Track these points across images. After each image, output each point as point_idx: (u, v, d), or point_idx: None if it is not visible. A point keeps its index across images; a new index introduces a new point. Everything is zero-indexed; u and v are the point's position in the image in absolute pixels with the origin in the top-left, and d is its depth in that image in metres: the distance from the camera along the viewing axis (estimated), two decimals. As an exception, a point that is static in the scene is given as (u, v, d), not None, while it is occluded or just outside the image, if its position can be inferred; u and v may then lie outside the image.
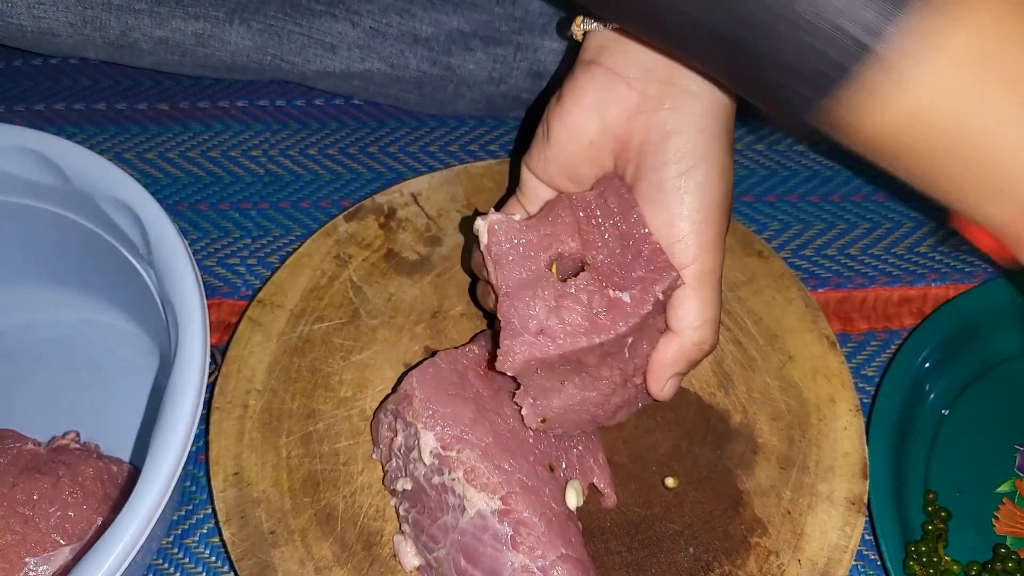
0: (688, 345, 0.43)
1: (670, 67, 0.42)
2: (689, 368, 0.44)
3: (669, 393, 0.44)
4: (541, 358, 0.40)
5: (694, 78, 0.42)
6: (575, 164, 0.44)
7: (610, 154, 0.44)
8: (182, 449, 0.40)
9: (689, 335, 0.43)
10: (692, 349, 0.43)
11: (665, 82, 0.42)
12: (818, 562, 0.45)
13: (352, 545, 0.46)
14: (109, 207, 0.48)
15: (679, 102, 0.42)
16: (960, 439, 0.51)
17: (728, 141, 0.43)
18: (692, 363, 0.44)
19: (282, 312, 0.53)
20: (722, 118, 0.43)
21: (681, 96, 0.42)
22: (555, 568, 0.41)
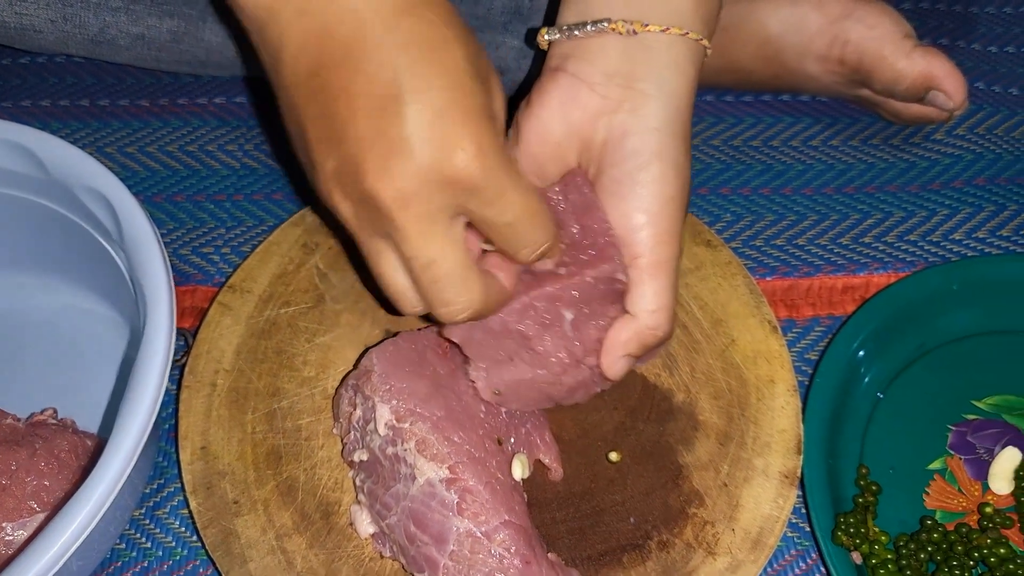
0: (642, 328, 0.45)
1: (629, 72, 0.45)
2: (642, 352, 0.46)
3: (618, 372, 0.46)
4: (483, 325, 0.43)
5: (651, 81, 0.45)
6: (543, 163, 0.47)
7: (575, 153, 0.46)
8: (146, 421, 0.43)
9: (644, 319, 0.45)
10: (646, 332, 0.45)
11: (624, 86, 0.45)
12: (751, 531, 0.47)
13: (311, 514, 0.48)
14: (85, 196, 0.51)
15: (636, 104, 0.44)
16: (895, 419, 0.54)
17: (684, 139, 0.45)
18: (645, 347, 0.46)
19: (251, 297, 0.56)
20: (677, 118, 0.45)
21: (638, 98, 0.45)
22: (497, 533, 0.43)
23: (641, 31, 0.45)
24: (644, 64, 0.45)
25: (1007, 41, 0.73)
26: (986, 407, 0.54)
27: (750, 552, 0.47)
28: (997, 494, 0.51)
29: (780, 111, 0.68)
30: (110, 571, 0.50)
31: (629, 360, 0.46)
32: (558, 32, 0.46)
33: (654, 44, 0.45)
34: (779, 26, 0.62)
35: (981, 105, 0.68)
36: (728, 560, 0.47)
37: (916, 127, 0.67)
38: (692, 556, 0.47)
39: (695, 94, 0.47)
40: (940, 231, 0.62)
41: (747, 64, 0.64)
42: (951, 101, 0.59)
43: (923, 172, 0.65)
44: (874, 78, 0.61)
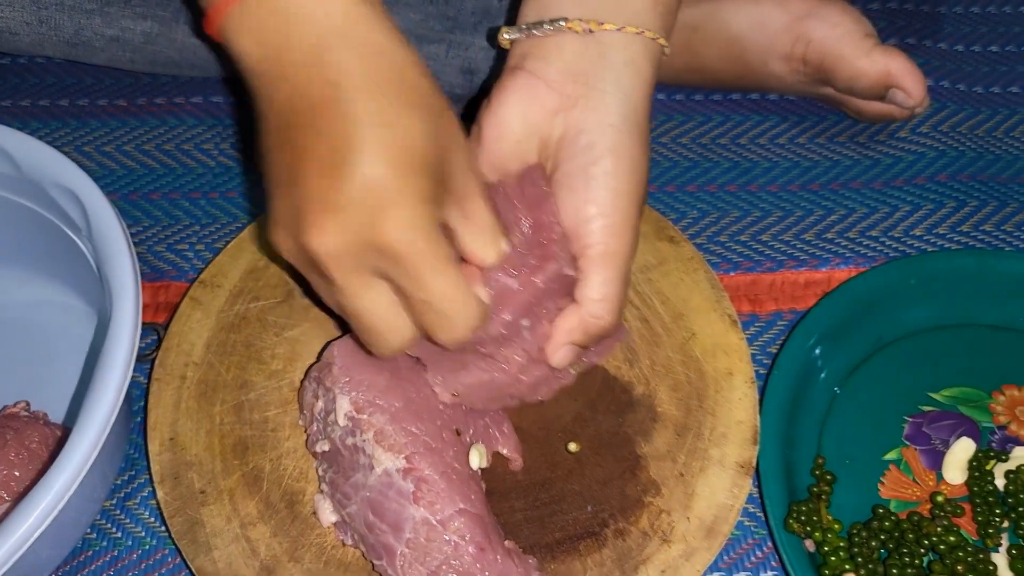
0: (586, 316, 0.46)
1: (585, 70, 0.46)
2: (586, 340, 0.47)
3: (561, 360, 0.47)
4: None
5: (607, 79, 0.46)
6: (503, 159, 0.48)
7: (534, 150, 0.47)
8: (110, 411, 0.44)
9: (588, 307, 0.46)
10: (590, 321, 0.46)
11: (581, 83, 0.46)
12: (706, 519, 0.48)
13: (276, 503, 0.49)
14: (56, 192, 0.52)
15: (592, 102, 0.45)
16: (853, 411, 0.55)
17: (640, 135, 0.46)
18: (589, 335, 0.47)
19: (222, 292, 0.57)
20: (633, 114, 0.46)
21: (594, 96, 0.46)
22: (452, 521, 0.44)
23: (597, 30, 0.46)
24: (600, 62, 0.46)
25: (973, 40, 0.74)
26: (942, 399, 0.55)
27: (704, 540, 0.48)
28: (951, 484, 0.52)
29: (748, 110, 0.69)
30: (81, 560, 0.51)
31: (573, 348, 0.47)
32: (517, 31, 0.47)
33: (610, 43, 0.46)
34: (743, 25, 0.63)
35: (945, 103, 0.69)
36: (682, 547, 0.48)
37: (881, 125, 0.68)
38: (647, 544, 0.48)
39: (653, 92, 0.48)
40: (902, 227, 0.63)
41: (713, 63, 0.65)
42: (911, 99, 0.61)
43: (887, 169, 0.66)
44: (835, 76, 0.62)
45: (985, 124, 0.68)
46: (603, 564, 0.47)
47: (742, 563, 0.51)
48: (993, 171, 0.66)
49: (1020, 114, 0.69)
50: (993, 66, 0.72)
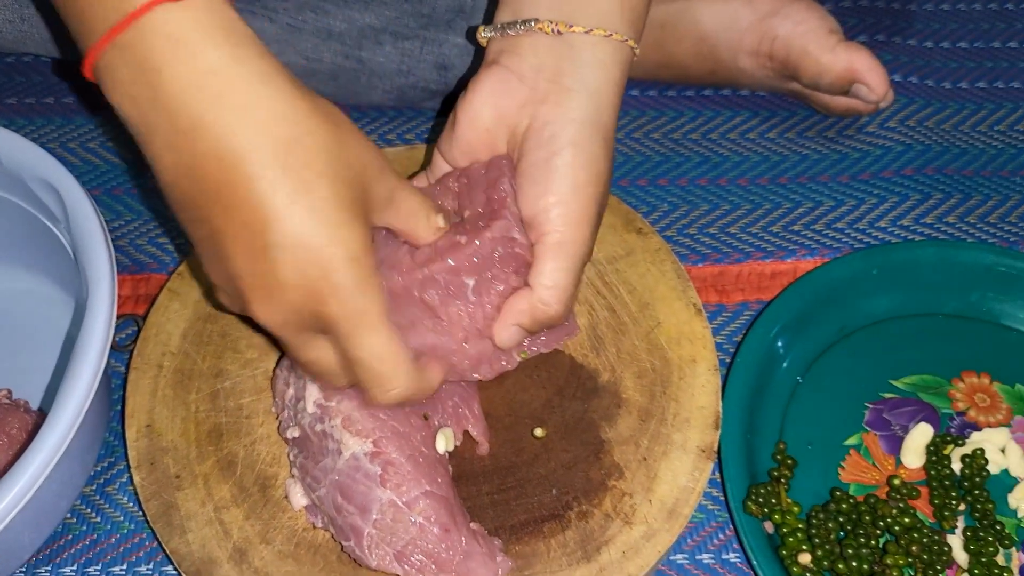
0: (535, 301, 0.47)
1: (555, 68, 0.47)
2: (533, 327, 0.48)
3: (506, 339, 0.48)
4: (388, 289, 0.45)
5: (574, 77, 0.47)
6: (474, 147, 0.49)
7: (504, 140, 0.49)
8: (84, 395, 0.45)
9: (538, 292, 0.47)
10: (538, 306, 0.47)
11: (550, 80, 0.47)
12: (667, 501, 0.50)
13: (249, 488, 0.51)
14: (36, 186, 0.54)
15: (559, 97, 0.47)
16: (815, 398, 0.56)
17: (603, 132, 0.47)
18: (536, 321, 0.47)
19: (198, 284, 0.58)
20: (597, 113, 0.47)
21: (561, 92, 0.47)
22: (418, 503, 0.46)
23: (566, 31, 0.47)
24: (569, 61, 0.47)
25: (942, 37, 0.75)
26: (903, 386, 0.57)
27: (665, 521, 0.49)
28: (909, 468, 0.54)
29: (720, 105, 0.71)
30: (61, 543, 0.53)
31: (519, 331, 0.48)
32: (493, 30, 0.49)
33: (579, 44, 0.47)
34: (712, 23, 0.64)
35: (913, 98, 0.71)
36: (644, 529, 0.49)
37: (849, 120, 0.69)
38: (610, 525, 0.49)
39: (621, 91, 0.49)
40: (867, 219, 0.64)
41: (684, 59, 0.67)
42: (874, 94, 0.62)
43: (854, 163, 0.67)
44: (801, 72, 0.63)
45: (952, 119, 0.70)
46: (566, 545, 0.48)
47: (705, 545, 0.52)
48: (958, 165, 0.67)
49: (986, 109, 0.70)
50: (961, 62, 0.74)
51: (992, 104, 0.71)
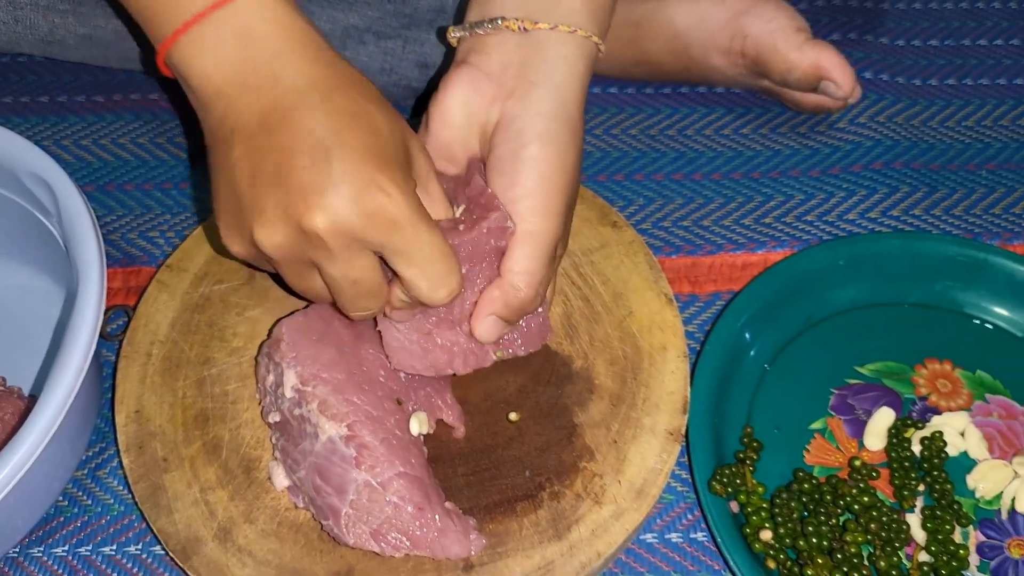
0: (506, 287, 0.49)
1: (522, 63, 0.49)
2: (508, 314, 0.49)
3: (485, 332, 0.49)
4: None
5: (540, 72, 0.49)
6: (448, 145, 0.51)
7: (475, 136, 0.51)
8: (74, 379, 0.47)
9: (508, 278, 0.49)
10: (509, 292, 0.49)
11: (516, 76, 0.49)
12: (636, 482, 0.52)
13: (234, 470, 0.53)
14: (29, 181, 0.56)
15: (526, 92, 0.49)
16: (782, 384, 0.58)
17: (570, 126, 0.49)
18: (510, 308, 0.49)
19: (187, 275, 0.60)
20: (563, 107, 0.49)
21: (527, 87, 0.49)
22: (392, 483, 0.48)
23: (532, 28, 0.49)
24: (535, 57, 0.49)
25: (913, 35, 0.77)
26: (867, 372, 0.58)
27: (634, 501, 0.51)
28: (871, 450, 0.55)
29: (695, 102, 0.73)
30: (53, 525, 0.55)
31: (496, 321, 0.49)
32: (462, 29, 0.51)
33: (544, 40, 0.49)
34: (685, 21, 0.66)
35: (883, 95, 0.73)
36: (613, 508, 0.51)
37: (821, 116, 0.71)
38: (580, 505, 0.51)
39: (587, 85, 0.51)
40: (836, 212, 0.66)
41: (658, 57, 0.69)
42: (840, 90, 0.64)
43: (825, 157, 0.69)
44: (770, 69, 0.65)
45: (921, 115, 0.72)
46: (538, 524, 0.50)
47: (674, 525, 0.54)
48: (925, 159, 0.69)
49: (954, 105, 0.72)
50: (932, 59, 0.75)
51: (960, 100, 0.73)
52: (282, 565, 0.49)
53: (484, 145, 0.50)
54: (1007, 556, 0.52)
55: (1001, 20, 0.79)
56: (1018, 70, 0.75)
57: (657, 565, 0.53)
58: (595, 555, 0.49)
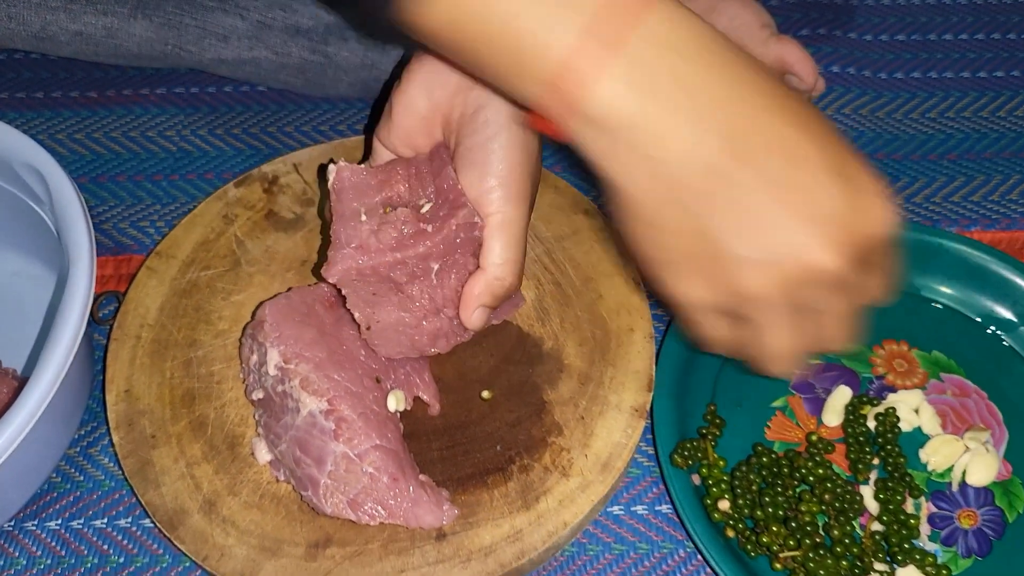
0: (491, 279, 0.52)
1: None
2: (494, 301, 0.52)
3: (476, 321, 0.53)
4: (357, 268, 0.50)
5: None
6: (412, 134, 0.53)
7: (439, 126, 0.53)
8: (64, 357, 0.50)
9: (492, 271, 0.52)
10: (495, 283, 0.52)
11: None
12: (601, 456, 0.54)
13: (219, 446, 0.55)
14: (23, 171, 0.58)
15: None
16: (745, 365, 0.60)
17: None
18: (496, 296, 0.52)
19: (175, 262, 0.62)
20: None
21: None
22: (368, 455, 0.50)
23: None
24: None
25: (882, 30, 0.80)
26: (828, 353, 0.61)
27: (600, 474, 0.53)
28: (828, 426, 0.58)
29: (668, 95, 0.75)
30: (47, 500, 0.57)
31: (485, 310, 0.52)
32: None
33: None
34: (655, 17, 0.69)
35: (850, 88, 0.75)
36: (579, 480, 0.53)
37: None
38: (548, 478, 0.53)
39: None
40: (801, 200, 0.68)
41: (631, 52, 0.71)
42: (804, 83, 0.66)
43: (792, 148, 0.71)
44: (737, 63, 0.67)
45: (886, 107, 0.74)
46: (508, 495, 0.53)
47: (639, 498, 0.57)
48: (888, 150, 0.71)
49: (919, 98, 0.75)
50: (898, 53, 0.78)
51: (924, 93, 0.75)
52: (264, 535, 0.52)
53: (449, 134, 0.52)
54: (957, 526, 0.54)
55: (966, 15, 0.81)
56: (981, 63, 0.77)
57: (623, 536, 0.55)
58: (562, 524, 0.52)
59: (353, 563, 0.50)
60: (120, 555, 0.55)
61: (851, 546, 0.52)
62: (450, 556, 0.51)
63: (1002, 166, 0.70)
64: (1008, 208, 0.68)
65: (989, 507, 0.55)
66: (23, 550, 0.55)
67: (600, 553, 0.55)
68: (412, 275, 0.51)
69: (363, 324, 0.52)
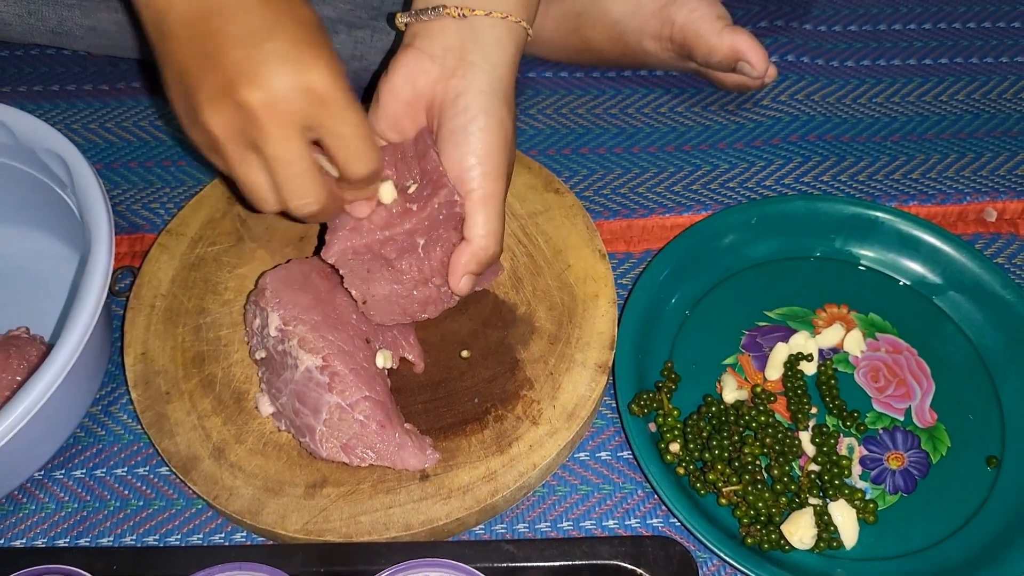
0: (476, 250, 0.58)
1: (461, 47, 0.57)
2: (480, 268, 0.59)
3: (465, 287, 0.59)
4: (352, 247, 0.56)
5: (478, 54, 0.58)
6: (398, 119, 0.60)
7: (422, 111, 0.59)
8: (87, 322, 0.56)
9: (476, 242, 0.58)
10: (479, 252, 0.58)
11: (458, 57, 0.57)
12: (568, 406, 0.61)
13: (226, 401, 0.62)
14: (46, 157, 0.65)
15: (466, 71, 0.57)
16: (700, 327, 0.67)
17: (507, 100, 0.58)
18: (481, 264, 0.58)
19: (184, 239, 0.69)
20: (500, 83, 0.57)
21: (468, 67, 0.57)
22: (359, 405, 0.57)
23: (469, 15, 0.57)
24: (472, 41, 0.58)
25: (836, 22, 0.86)
26: (775, 316, 0.67)
27: (566, 422, 0.60)
28: (771, 380, 0.64)
29: (635, 84, 0.81)
30: (72, 452, 0.64)
31: (471, 277, 0.59)
32: (409, 16, 0.59)
33: (480, 25, 0.58)
34: (620, 11, 0.75)
35: (804, 75, 0.81)
36: (547, 428, 0.60)
37: (748, 95, 0.80)
38: (520, 426, 0.60)
39: (517, 64, 0.59)
40: (755, 179, 0.75)
41: (599, 44, 0.77)
42: (755, 70, 0.73)
43: (749, 132, 0.78)
44: (695, 52, 0.74)
45: (836, 93, 0.80)
46: (484, 441, 0.59)
47: (603, 445, 0.63)
48: (837, 132, 0.78)
49: (867, 84, 0.81)
50: (850, 43, 0.84)
51: (872, 79, 0.81)
52: (267, 477, 0.58)
53: (432, 118, 0.59)
54: (886, 467, 0.61)
55: (915, 7, 0.87)
56: (926, 52, 0.83)
57: (588, 478, 0.62)
58: (531, 466, 0.58)
59: (347, 501, 0.57)
60: (139, 499, 0.62)
61: (789, 484, 0.58)
62: (432, 494, 0.57)
63: (940, 146, 0.77)
64: (943, 184, 0.74)
65: (915, 450, 0.61)
66: (52, 496, 0.62)
67: (568, 493, 0.61)
68: (401, 250, 0.58)
69: (359, 299, 0.58)
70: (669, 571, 0.54)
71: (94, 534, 0.60)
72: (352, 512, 0.56)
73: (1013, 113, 0.79)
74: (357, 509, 0.57)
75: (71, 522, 0.61)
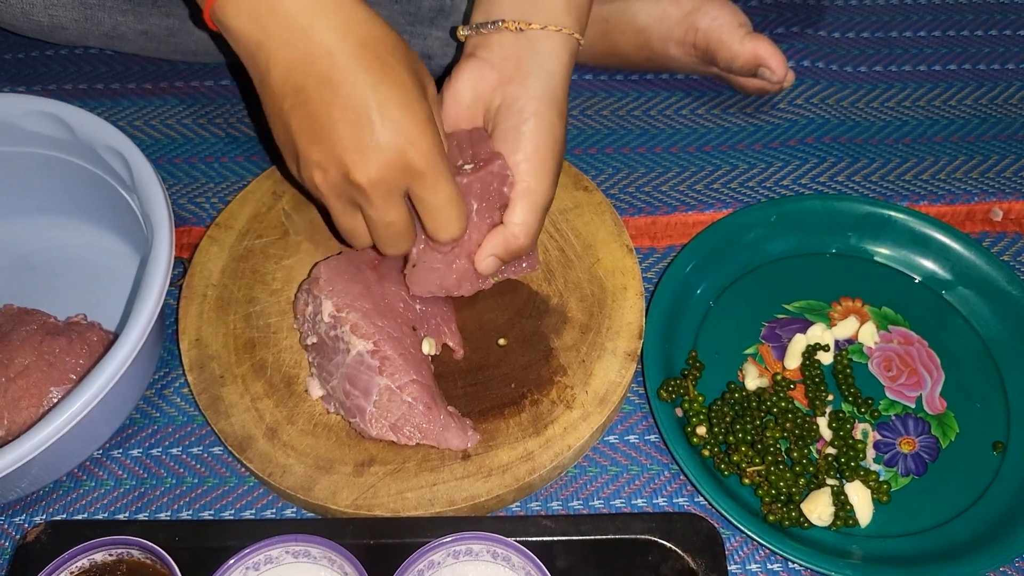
0: (508, 236, 0.62)
1: (519, 56, 0.62)
2: (506, 255, 0.62)
3: (486, 267, 0.63)
4: None
5: (534, 64, 0.62)
6: (457, 120, 0.64)
7: (480, 114, 0.63)
8: (150, 314, 0.60)
9: (510, 228, 0.62)
10: (510, 240, 0.62)
11: (515, 66, 0.62)
12: (599, 392, 0.64)
13: (277, 384, 0.65)
14: (105, 153, 0.68)
15: (523, 79, 0.61)
16: (723, 318, 0.71)
17: (558, 106, 0.62)
18: (508, 251, 0.62)
19: (232, 232, 0.73)
20: (552, 91, 0.62)
21: (524, 75, 0.61)
22: (407, 387, 0.60)
23: (526, 28, 0.61)
24: (529, 51, 0.62)
25: (849, 28, 0.89)
26: (793, 309, 0.71)
27: (598, 406, 0.64)
28: (790, 369, 0.68)
29: (658, 87, 0.85)
30: (129, 432, 0.67)
31: (495, 260, 0.62)
32: (469, 29, 0.64)
33: (536, 37, 0.62)
34: (646, 18, 0.79)
35: (818, 80, 0.85)
36: (581, 412, 0.64)
37: (765, 98, 0.83)
38: (555, 409, 0.64)
39: (570, 73, 0.63)
40: (773, 178, 0.79)
41: (624, 49, 0.81)
42: (775, 75, 0.76)
43: (767, 133, 0.82)
44: (717, 58, 0.77)
45: (849, 97, 0.84)
46: (521, 424, 0.63)
47: (632, 429, 0.67)
48: (851, 135, 0.81)
49: (879, 89, 0.85)
50: (863, 49, 0.88)
51: (885, 84, 0.85)
52: (318, 456, 0.62)
53: (488, 121, 0.63)
54: (898, 451, 0.65)
55: (925, 14, 0.91)
56: (937, 58, 0.87)
57: (618, 460, 0.66)
58: (566, 447, 0.62)
59: (393, 478, 0.61)
60: (193, 477, 0.65)
61: (808, 466, 0.62)
62: (473, 472, 0.61)
63: (949, 149, 0.80)
64: (952, 185, 0.78)
65: (926, 436, 0.65)
66: (111, 474, 0.66)
67: (598, 474, 0.65)
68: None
69: (411, 262, 0.62)
70: (696, 545, 0.58)
71: (152, 509, 0.64)
72: (399, 489, 0.60)
73: (1019, 117, 0.82)
74: (403, 486, 0.60)
75: (130, 498, 0.64)
